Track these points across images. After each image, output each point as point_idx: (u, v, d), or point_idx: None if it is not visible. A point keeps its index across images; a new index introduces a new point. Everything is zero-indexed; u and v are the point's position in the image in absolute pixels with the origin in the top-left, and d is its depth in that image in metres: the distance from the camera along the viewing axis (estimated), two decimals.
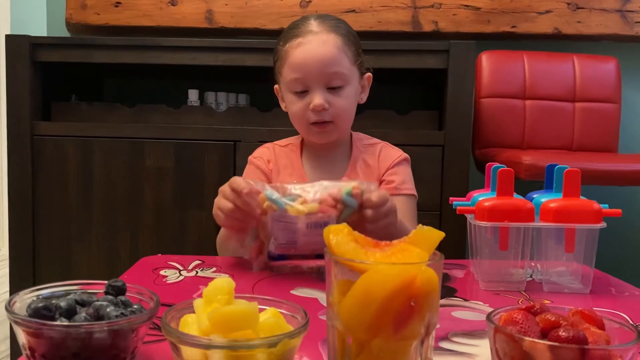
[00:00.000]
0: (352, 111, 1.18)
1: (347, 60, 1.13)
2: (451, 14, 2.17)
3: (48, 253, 1.80)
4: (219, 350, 0.48)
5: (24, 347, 0.53)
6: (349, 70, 1.13)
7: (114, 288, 0.59)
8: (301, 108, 1.13)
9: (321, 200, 0.87)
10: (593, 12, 2.16)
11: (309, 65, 1.10)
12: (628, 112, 2.22)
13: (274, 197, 0.87)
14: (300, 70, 1.10)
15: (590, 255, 0.89)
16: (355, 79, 1.16)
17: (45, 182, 1.79)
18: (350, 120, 1.19)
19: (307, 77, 1.10)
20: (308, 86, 1.12)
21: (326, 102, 1.11)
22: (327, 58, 1.10)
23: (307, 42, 1.11)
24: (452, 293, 0.88)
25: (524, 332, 0.49)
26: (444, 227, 1.68)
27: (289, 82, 1.13)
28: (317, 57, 1.09)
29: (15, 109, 1.77)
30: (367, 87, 1.22)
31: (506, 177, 0.90)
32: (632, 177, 1.73)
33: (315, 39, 1.11)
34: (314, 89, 1.11)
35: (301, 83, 1.12)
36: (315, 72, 1.10)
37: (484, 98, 2.07)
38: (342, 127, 1.18)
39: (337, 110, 1.13)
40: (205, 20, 2.21)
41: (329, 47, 1.10)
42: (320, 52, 1.10)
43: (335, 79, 1.11)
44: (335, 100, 1.12)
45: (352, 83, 1.15)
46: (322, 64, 1.09)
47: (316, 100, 1.10)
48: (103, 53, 1.79)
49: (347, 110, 1.15)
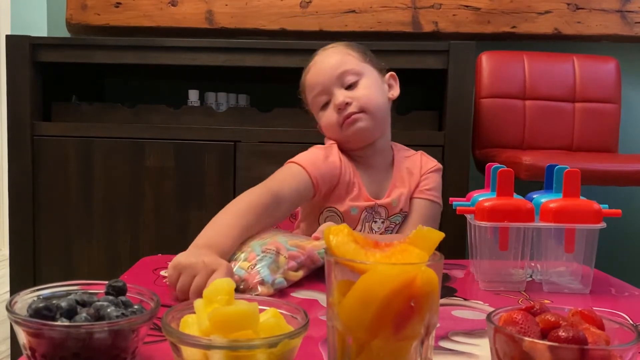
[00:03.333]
0: (380, 99, 1.18)
1: (354, 58, 1.18)
2: (451, 15, 2.17)
3: (48, 253, 1.80)
4: (219, 351, 0.48)
5: (25, 347, 0.53)
6: (358, 66, 1.17)
7: (114, 288, 0.59)
8: (330, 114, 1.17)
9: (302, 266, 0.89)
10: (593, 13, 2.16)
11: (320, 76, 1.17)
12: (628, 113, 2.22)
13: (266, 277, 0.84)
14: (315, 85, 1.18)
15: (590, 256, 0.89)
16: (370, 72, 1.19)
17: (45, 182, 1.79)
18: (380, 109, 1.17)
19: (323, 88, 1.17)
20: (328, 94, 1.17)
21: (347, 97, 1.15)
22: (334, 63, 1.17)
23: (314, 64, 1.20)
24: (452, 293, 0.88)
25: (524, 332, 0.49)
26: (444, 227, 1.68)
27: (312, 102, 1.20)
28: (325, 68, 1.17)
29: (16, 109, 1.77)
30: (395, 83, 1.26)
31: (506, 178, 0.90)
32: (632, 177, 1.73)
33: (320, 58, 1.20)
34: (333, 93, 1.16)
35: (320, 94, 1.18)
36: (327, 79, 1.16)
37: (484, 98, 2.07)
38: (374, 115, 1.16)
39: (361, 100, 1.15)
40: (205, 20, 2.21)
41: (333, 56, 1.19)
42: (326, 62, 1.18)
43: (347, 75, 1.16)
44: (355, 93, 1.16)
45: (367, 76, 1.18)
46: (330, 70, 1.16)
47: (337, 99, 1.15)
48: (103, 53, 1.79)
49: (372, 98, 1.16)
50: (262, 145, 1.73)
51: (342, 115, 1.15)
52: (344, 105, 1.14)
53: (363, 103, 1.15)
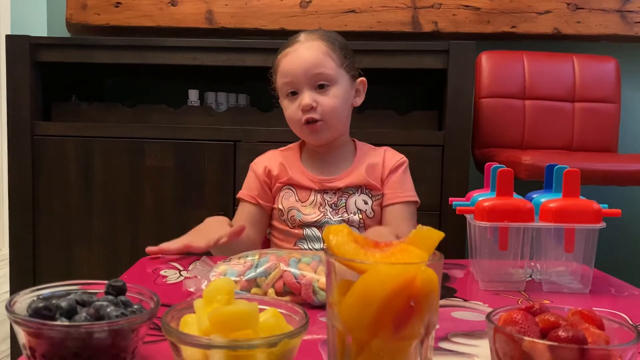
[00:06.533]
0: (343, 111, 1.22)
1: (332, 62, 1.19)
2: (451, 14, 2.17)
3: (48, 253, 1.80)
4: (219, 350, 0.48)
5: (25, 347, 0.53)
6: (334, 72, 1.19)
7: (114, 288, 0.59)
8: (293, 110, 1.20)
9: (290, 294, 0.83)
10: (593, 13, 2.16)
11: (295, 69, 1.18)
12: (628, 112, 2.22)
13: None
14: (289, 74, 1.19)
15: (589, 255, 0.89)
16: (343, 80, 1.21)
17: (45, 182, 1.79)
18: (341, 119, 1.22)
19: (295, 80, 1.18)
20: (297, 88, 1.19)
21: (314, 101, 1.17)
22: (312, 60, 1.17)
23: (294, 50, 1.20)
24: (451, 293, 0.88)
25: (524, 332, 0.49)
26: (444, 227, 1.69)
27: (281, 88, 1.21)
28: (302, 61, 1.18)
29: (16, 109, 1.77)
30: (363, 90, 1.27)
31: (506, 177, 0.90)
32: (632, 177, 1.73)
33: (301, 47, 1.20)
34: (303, 90, 1.18)
35: (290, 85, 1.19)
36: (302, 74, 1.17)
37: (483, 98, 2.07)
38: (333, 125, 1.21)
39: (326, 109, 1.18)
40: (205, 20, 2.21)
41: (313, 51, 1.19)
42: (305, 56, 1.18)
43: (321, 79, 1.18)
44: (323, 99, 1.18)
45: (339, 83, 1.20)
46: (307, 66, 1.17)
47: (305, 100, 1.17)
48: (103, 53, 1.79)
49: (336, 109, 1.19)
50: (262, 145, 1.72)
51: (304, 117, 1.18)
52: (308, 108, 1.17)
53: (327, 112, 1.18)
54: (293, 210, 1.22)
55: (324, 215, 1.20)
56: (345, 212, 1.21)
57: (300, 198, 1.22)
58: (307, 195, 1.22)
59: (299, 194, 1.23)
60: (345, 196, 1.22)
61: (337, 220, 1.19)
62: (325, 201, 1.22)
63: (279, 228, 1.24)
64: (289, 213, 1.22)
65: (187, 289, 0.80)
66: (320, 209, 1.21)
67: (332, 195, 1.22)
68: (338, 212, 1.21)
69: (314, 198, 1.22)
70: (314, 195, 1.22)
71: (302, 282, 0.78)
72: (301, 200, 1.22)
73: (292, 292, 0.79)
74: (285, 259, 0.82)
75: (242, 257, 0.85)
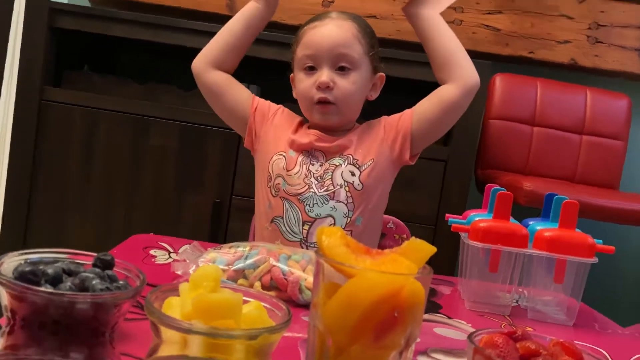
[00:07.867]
0: (358, 99, 1.18)
1: (360, 47, 1.15)
2: (471, 32, 2.17)
3: (41, 218, 1.80)
4: (198, 336, 0.48)
5: (6, 309, 0.53)
6: (359, 57, 1.15)
7: (102, 261, 0.59)
8: (308, 85, 1.15)
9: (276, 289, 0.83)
10: (611, 48, 2.16)
11: (321, 43, 1.13)
12: (634, 151, 2.22)
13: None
14: (312, 47, 1.14)
15: (578, 288, 0.89)
16: (365, 68, 1.17)
17: (47, 147, 1.79)
18: (353, 107, 1.18)
19: (318, 54, 1.14)
20: (317, 64, 1.14)
21: (332, 80, 1.13)
22: (340, 39, 1.13)
23: (324, 25, 1.15)
24: (437, 309, 0.88)
25: (503, 356, 0.49)
26: (437, 242, 1.68)
27: (300, 59, 1.17)
28: (330, 36, 1.13)
29: (28, 72, 1.78)
30: (379, 86, 1.23)
31: (504, 201, 0.90)
32: (629, 216, 1.74)
33: (332, 23, 1.15)
34: (323, 67, 1.14)
35: (311, 59, 1.15)
36: (326, 50, 1.13)
37: (492, 119, 2.07)
38: (345, 111, 1.17)
39: (341, 92, 1.14)
40: (226, 7, 2.20)
41: (343, 30, 1.14)
42: (334, 32, 1.14)
43: (344, 60, 1.14)
44: (342, 81, 1.14)
45: (361, 70, 1.16)
46: (333, 43, 1.13)
47: (323, 77, 1.12)
48: (121, 27, 1.79)
49: (352, 95, 1.15)
50: None
51: (318, 95, 1.14)
52: (325, 86, 1.13)
53: (341, 96, 1.14)
54: (279, 178, 1.16)
55: (308, 188, 1.15)
56: (331, 184, 1.16)
57: (288, 165, 1.16)
58: (293, 162, 1.17)
59: (287, 159, 1.17)
60: (331, 169, 1.17)
61: (322, 195, 1.15)
62: (310, 173, 1.16)
63: (262, 193, 1.20)
64: (275, 180, 1.17)
65: (174, 271, 0.80)
66: (305, 180, 1.16)
67: (318, 167, 1.17)
68: (324, 184, 1.15)
69: (299, 169, 1.16)
70: (300, 167, 1.17)
71: (289, 279, 0.79)
72: (287, 168, 1.16)
73: (278, 287, 0.79)
74: (275, 254, 0.82)
75: (233, 246, 0.85)
